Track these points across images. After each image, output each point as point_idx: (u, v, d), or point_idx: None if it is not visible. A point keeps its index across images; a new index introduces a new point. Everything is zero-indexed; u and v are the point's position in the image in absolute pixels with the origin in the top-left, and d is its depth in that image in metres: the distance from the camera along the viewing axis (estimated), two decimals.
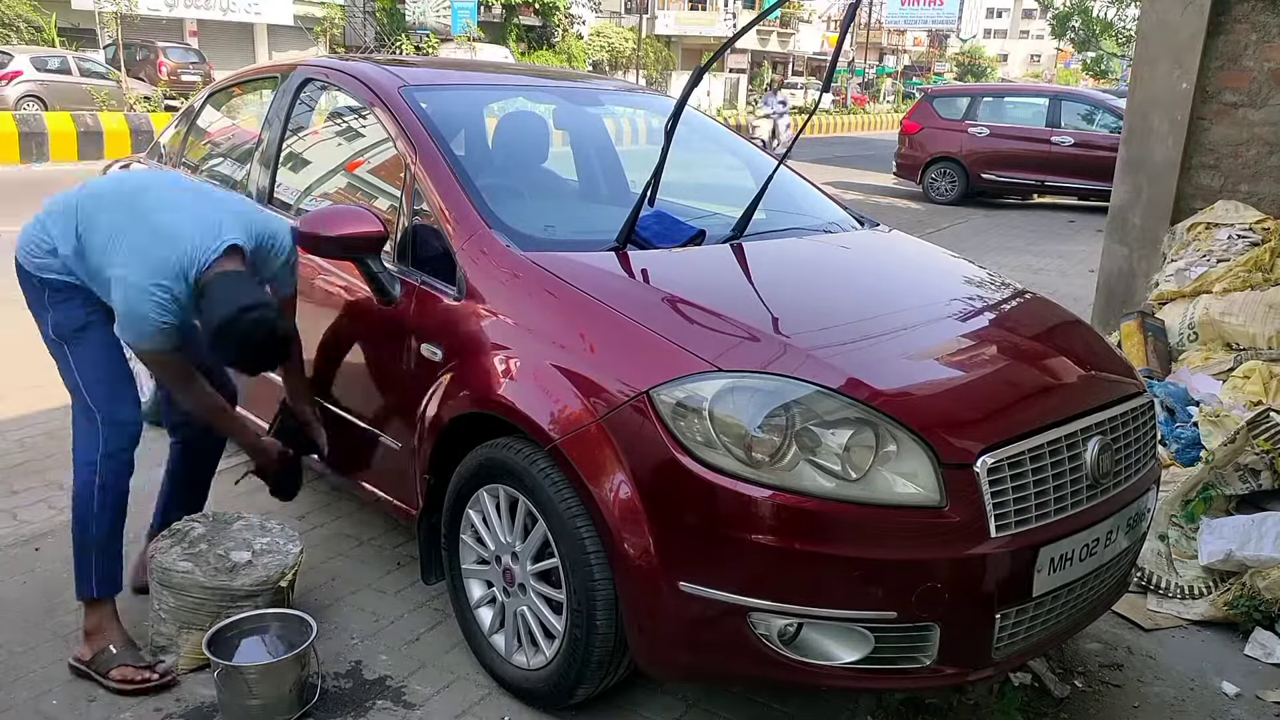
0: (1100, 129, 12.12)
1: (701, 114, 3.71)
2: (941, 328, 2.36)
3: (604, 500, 1.93)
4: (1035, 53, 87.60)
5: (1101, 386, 2.24)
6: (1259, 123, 4.38)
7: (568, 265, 2.30)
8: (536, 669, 2.21)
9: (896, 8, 45.98)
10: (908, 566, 1.82)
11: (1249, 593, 2.76)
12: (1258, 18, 4.32)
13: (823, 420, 1.85)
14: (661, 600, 1.90)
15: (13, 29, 17.85)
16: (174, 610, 2.33)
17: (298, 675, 2.20)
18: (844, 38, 2.72)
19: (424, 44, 27.24)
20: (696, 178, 3.59)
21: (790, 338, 2.06)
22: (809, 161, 16.77)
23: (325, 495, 3.35)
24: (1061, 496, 1.95)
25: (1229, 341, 3.92)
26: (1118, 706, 2.45)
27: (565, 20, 34.13)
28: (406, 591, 2.76)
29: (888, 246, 3.05)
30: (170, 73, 19.87)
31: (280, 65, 3.49)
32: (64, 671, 2.33)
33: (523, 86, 3.58)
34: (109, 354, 2.40)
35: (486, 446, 2.22)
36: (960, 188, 13.08)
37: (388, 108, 2.76)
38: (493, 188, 2.62)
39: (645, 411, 1.90)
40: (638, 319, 2.09)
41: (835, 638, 1.86)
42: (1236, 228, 4.23)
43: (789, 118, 18.85)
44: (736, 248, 2.63)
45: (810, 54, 52.21)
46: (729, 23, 40.49)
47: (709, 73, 3.65)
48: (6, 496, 3.30)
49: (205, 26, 26.07)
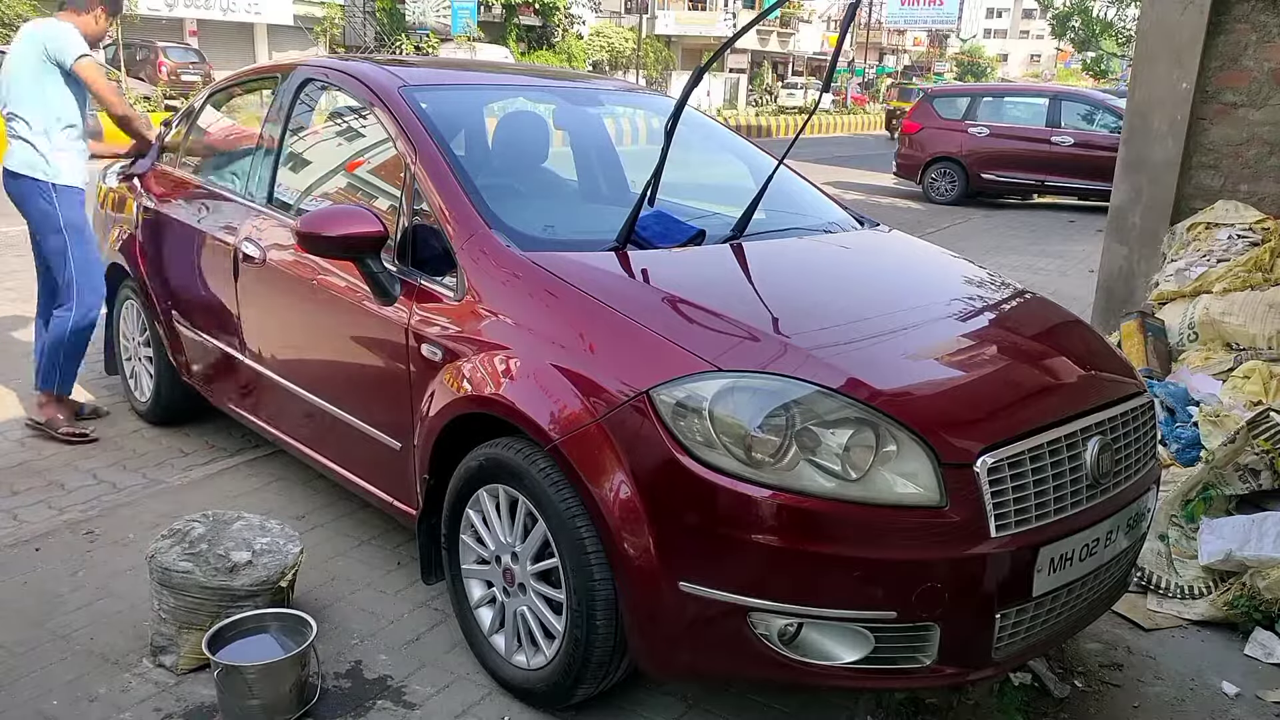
0: (1100, 129, 12.12)
1: (701, 114, 3.71)
2: (941, 328, 2.36)
3: (604, 500, 1.93)
4: (1035, 53, 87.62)
5: (1101, 386, 2.24)
6: (1259, 123, 4.38)
7: (568, 265, 2.30)
8: (536, 669, 2.21)
9: (896, 8, 46.02)
10: (908, 566, 1.81)
11: (1249, 593, 2.76)
12: (1258, 18, 4.32)
13: (823, 420, 1.85)
14: (661, 600, 1.90)
15: (13, 29, 17.82)
16: (174, 610, 2.33)
17: (298, 675, 2.20)
18: (844, 38, 2.71)
19: (424, 44, 27.25)
20: (696, 178, 3.59)
21: (790, 337, 2.06)
22: (809, 161, 16.78)
23: (325, 495, 3.35)
24: (1061, 496, 1.95)
25: (1229, 341, 3.92)
26: (1118, 706, 2.45)
27: (565, 20, 34.13)
28: (406, 591, 2.76)
29: (888, 246, 3.05)
30: (170, 73, 19.89)
31: (280, 65, 3.50)
32: (64, 671, 2.33)
33: (523, 86, 3.58)
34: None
35: (486, 446, 2.22)
36: (960, 188, 13.09)
37: (388, 108, 2.76)
38: (493, 188, 2.62)
39: (645, 411, 1.90)
40: (638, 319, 2.09)
41: (835, 638, 1.86)
42: (1236, 228, 4.23)
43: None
44: (736, 248, 2.63)
45: (810, 54, 52.23)
46: (729, 23, 40.49)
47: (709, 73, 3.65)
48: (6, 496, 3.30)
49: (205, 26, 26.08)
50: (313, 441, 2.99)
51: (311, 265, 2.77)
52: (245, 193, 3.28)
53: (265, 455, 3.66)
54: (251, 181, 3.26)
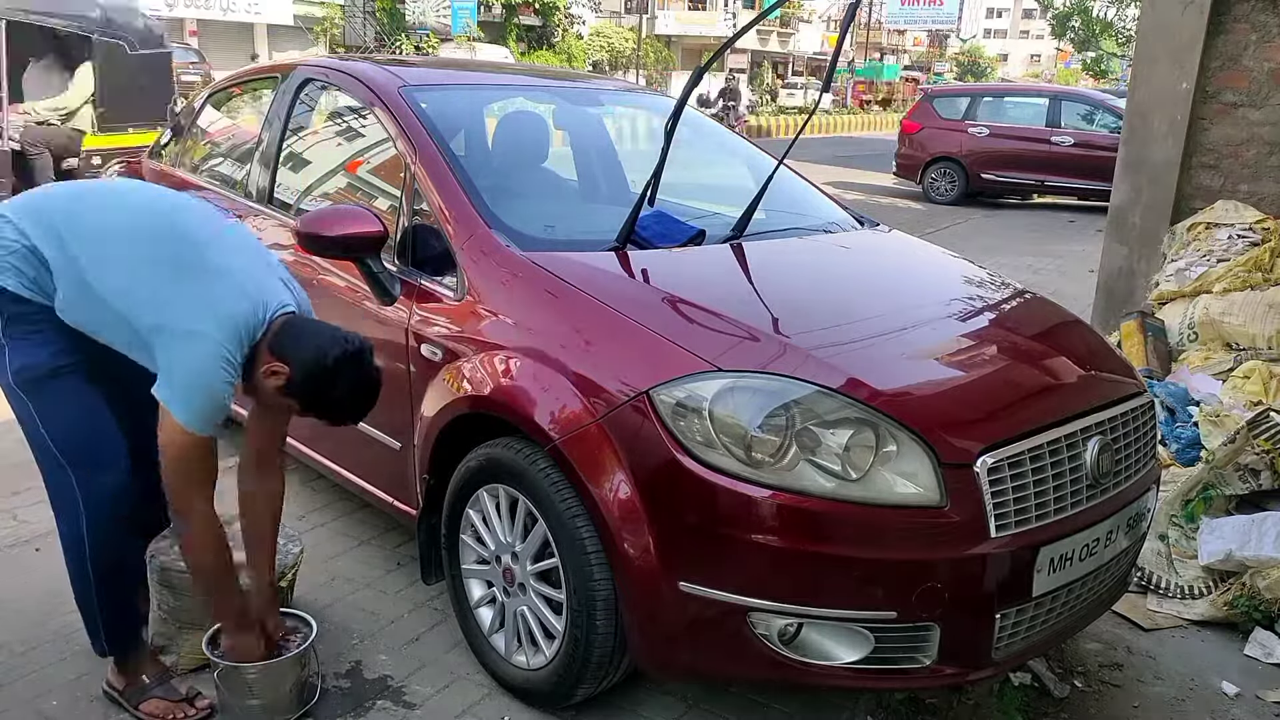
0: (1100, 129, 12.11)
1: (701, 114, 3.71)
2: (941, 328, 2.36)
3: (604, 500, 1.93)
4: (1035, 53, 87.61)
5: (1101, 386, 2.24)
6: (1259, 123, 4.38)
7: (568, 265, 2.30)
8: (536, 669, 2.21)
9: (896, 8, 45.97)
10: (908, 566, 1.82)
11: (1249, 593, 2.76)
12: (1258, 18, 4.32)
13: (823, 420, 1.85)
14: (661, 600, 1.90)
15: None
16: (174, 610, 2.33)
17: (298, 675, 2.20)
18: (844, 38, 2.72)
19: (424, 44, 27.24)
20: (696, 178, 3.59)
21: (790, 337, 2.06)
22: (809, 161, 16.77)
23: (325, 495, 3.34)
24: (1061, 496, 1.95)
25: (1229, 341, 3.92)
26: (1118, 706, 2.44)
27: (565, 20, 34.14)
28: (406, 591, 2.76)
29: (888, 246, 3.05)
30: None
31: (280, 65, 3.50)
32: (64, 671, 2.33)
33: (523, 86, 3.58)
34: (85, 402, 1.98)
35: (486, 446, 2.22)
36: (960, 188, 13.08)
37: (388, 108, 2.76)
38: (493, 188, 2.62)
39: (645, 411, 1.90)
40: (638, 319, 2.09)
41: (835, 638, 1.86)
42: (1236, 228, 4.23)
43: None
44: (736, 248, 2.63)
45: (810, 54, 52.21)
46: (729, 23, 40.49)
47: (709, 73, 3.65)
48: (6, 497, 3.29)
49: (205, 26, 26.06)
50: (312, 441, 2.99)
51: (311, 265, 2.77)
52: (245, 193, 3.28)
53: None
54: (251, 181, 3.26)
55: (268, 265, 2.05)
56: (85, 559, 2.03)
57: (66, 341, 1.95)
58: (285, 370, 1.90)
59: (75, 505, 2.00)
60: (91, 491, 1.99)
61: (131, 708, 2.17)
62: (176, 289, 1.85)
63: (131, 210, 1.98)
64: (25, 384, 1.94)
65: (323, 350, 1.88)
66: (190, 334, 1.81)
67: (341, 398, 1.95)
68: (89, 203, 1.98)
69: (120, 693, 2.19)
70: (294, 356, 1.89)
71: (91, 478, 1.98)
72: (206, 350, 1.81)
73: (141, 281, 1.87)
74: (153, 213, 1.98)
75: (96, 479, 1.99)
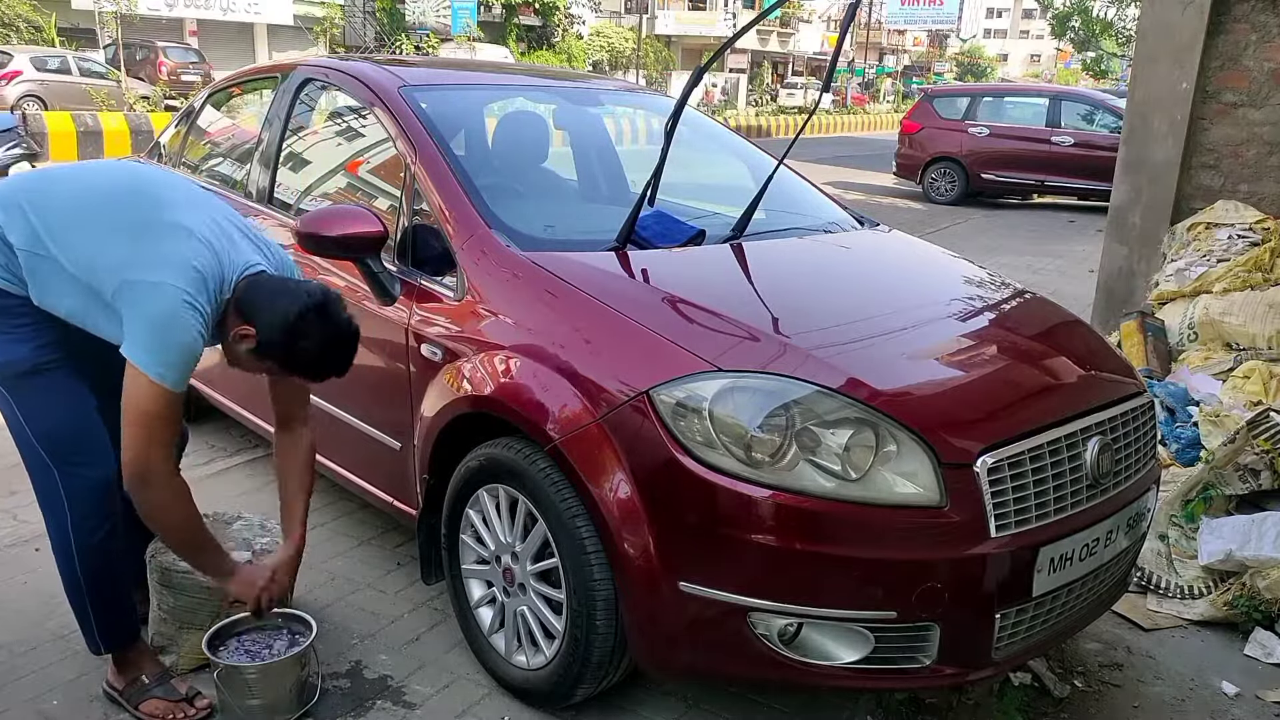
0: (1100, 129, 12.11)
1: (701, 114, 3.71)
2: (941, 328, 2.36)
3: (604, 500, 1.93)
4: (1035, 53, 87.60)
5: (1101, 386, 2.24)
6: (1259, 123, 4.38)
7: (568, 265, 2.30)
8: (536, 669, 2.21)
9: (896, 8, 46.00)
10: (908, 566, 1.82)
11: (1249, 593, 2.76)
12: (1258, 18, 4.32)
13: (823, 420, 1.85)
14: (661, 600, 1.90)
15: (13, 29, 17.83)
16: (174, 610, 2.33)
17: (298, 675, 2.20)
18: (844, 38, 2.72)
19: (424, 44, 27.23)
20: (696, 178, 3.59)
21: (790, 337, 2.06)
22: (809, 161, 16.77)
23: (325, 495, 3.34)
24: (1061, 496, 1.95)
25: (1229, 341, 3.92)
26: (1118, 706, 2.44)
27: (565, 20, 34.14)
28: (406, 591, 2.76)
29: (888, 246, 3.05)
30: (170, 73, 19.86)
31: (280, 65, 3.50)
32: (64, 671, 2.33)
33: (523, 86, 3.58)
34: (69, 399, 1.96)
35: (486, 446, 2.21)
36: (960, 188, 13.08)
37: (387, 108, 2.76)
38: (493, 188, 2.62)
39: (645, 411, 1.90)
40: (638, 319, 2.09)
41: (835, 638, 1.86)
42: (1236, 228, 4.23)
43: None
44: (736, 248, 2.63)
45: (810, 54, 52.21)
46: (729, 23, 40.49)
47: (709, 73, 3.65)
48: (6, 496, 3.29)
49: (205, 26, 26.07)
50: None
51: (311, 265, 2.76)
52: (245, 193, 3.28)
53: (265, 455, 3.66)
54: (251, 181, 3.26)
55: (236, 227, 2.01)
56: (72, 555, 2.02)
57: (49, 336, 1.93)
58: (251, 331, 1.88)
59: (60, 502, 1.98)
60: (76, 487, 1.98)
61: (131, 708, 2.17)
62: (135, 248, 1.83)
63: (91, 183, 1.96)
64: (7, 380, 1.93)
65: (283, 307, 1.85)
66: (152, 285, 1.78)
67: (313, 352, 1.91)
68: (58, 183, 1.96)
69: (120, 692, 2.19)
70: (257, 316, 1.87)
71: (76, 473, 1.97)
72: (170, 297, 1.78)
73: (104, 249, 1.84)
74: (112, 182, 1.96)
75: (81, 475, 1.97)
